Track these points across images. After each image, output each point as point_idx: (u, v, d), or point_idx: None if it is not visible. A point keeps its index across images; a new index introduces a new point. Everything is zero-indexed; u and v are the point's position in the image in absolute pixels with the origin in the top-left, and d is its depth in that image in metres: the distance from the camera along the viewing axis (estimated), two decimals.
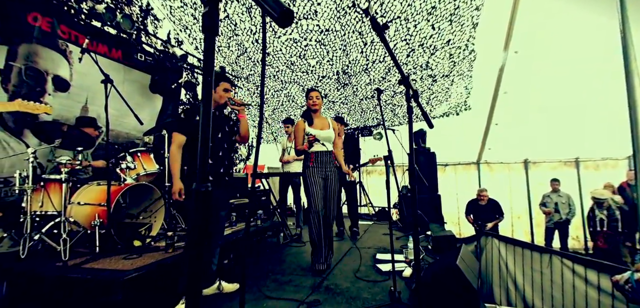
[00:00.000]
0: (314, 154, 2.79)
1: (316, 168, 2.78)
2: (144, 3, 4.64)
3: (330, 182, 2.83)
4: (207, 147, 0.60)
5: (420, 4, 4.27)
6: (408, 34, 4.64)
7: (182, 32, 5.13)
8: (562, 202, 5.62)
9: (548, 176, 6.03)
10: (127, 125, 4.43)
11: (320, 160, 2.80)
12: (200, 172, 0.59)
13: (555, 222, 5.62)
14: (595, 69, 4.74)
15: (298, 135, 2.82)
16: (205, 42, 0.58)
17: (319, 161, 2.80)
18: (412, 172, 1.43)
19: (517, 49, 5.07)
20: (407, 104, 1.37)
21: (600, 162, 6.20)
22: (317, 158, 2.80)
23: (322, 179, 2.79)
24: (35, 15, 3.65)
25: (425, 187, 5.04)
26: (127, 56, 4.44)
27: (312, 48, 4.95)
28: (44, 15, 3.68)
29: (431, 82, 5.42)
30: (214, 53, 0.59)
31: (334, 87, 5.84)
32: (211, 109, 0.65)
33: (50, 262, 2.40)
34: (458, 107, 5.87)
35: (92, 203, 2.84)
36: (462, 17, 4.48)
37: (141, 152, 3.37)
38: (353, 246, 3.71)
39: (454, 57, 5.01)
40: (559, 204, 5.61)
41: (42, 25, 3.70)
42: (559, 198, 5.67)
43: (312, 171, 2.78)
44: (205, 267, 2.26)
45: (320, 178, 2.77)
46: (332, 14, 4.41)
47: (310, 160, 2.79)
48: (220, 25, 4.81)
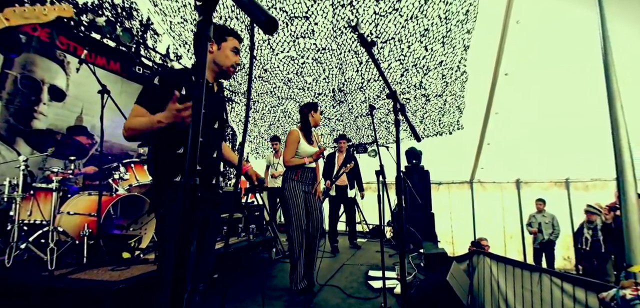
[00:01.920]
0: (300, 169, 2.72)
1: (300, 183, 2.71)
2: (145, 18, 4.73)
3: (311, 196, 2.79)
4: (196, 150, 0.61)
5: (414, 26, 4.43)
6: (402, 55, 4.78)
7: (181, 47, 5.22)
8: (545, 223, 5.72)
9: (539, 196, 6.11)
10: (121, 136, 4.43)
11: (305, 176, 2.75)
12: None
13: (539, 242, 5.70)
14: (582, 91, 4.90)
15: (291, 144, 2.71)
16: (200, 48, 0.62)
17: (303, 177, 2.74)
18: (399, 183, 1.46)
19: (508, 71, 5.23)
20: (395, 117, 1.41)
21: (589, 183, 6.31)
22: (303, 174, 2.74)
23: (304, 193, 2.73)
24: (35, 26, 3.69)
25: (419, 205, 5.05)
26: (125, 68, 4.49)
27: (309, 66, 5.06)
28: (43, 26, 3.72)
29: (424, 101, 5.54)
30: (206, 58, 0.62)
31: (330, 104, 5.94)
32: (201, 111, 0.63)
33: (36, 272, 2.35)
34: (451, 126, 5.98)
35: (82, 213, 2.81)
36: (453, 40, 4.64)
37: (135, 163, 3.36)
38: (345, 263, 3.68)
39: (447, 78, 5.15)
40: (542, 224, 5.70)
41: (41, 35, 3.74)
42: (543, 219, 5.76)
43: (294, 185, 2.69)
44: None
45: (301, 192, 2.71)
46: (328, 34, 4.54)
47: (296, 174, 2.72)
48: None
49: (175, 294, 0.59)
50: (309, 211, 2.75)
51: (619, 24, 3.14)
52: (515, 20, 4.87)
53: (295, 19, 4.34)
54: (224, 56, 1.47)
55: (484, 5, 4.49)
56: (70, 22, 3.91)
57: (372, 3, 4.21)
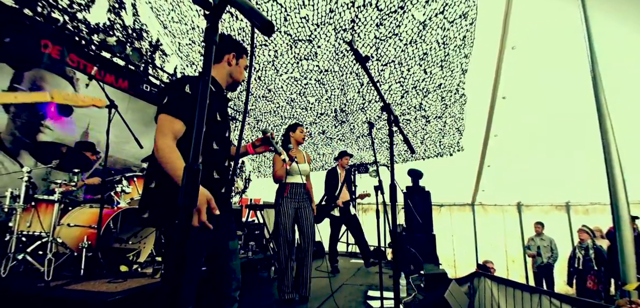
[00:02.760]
0: (289, 186, 2.83)
1: (289, 200, 2.82)
2: (154, 39, 4.92)
3: (302, 211, 2.86)
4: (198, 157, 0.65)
5: (413, 50, 4.58)
6: (402, 77, 4.91)
7: (188, 67, 5.39)
8: (544, 246, 5.70)
9: (540, 220, 6.06)
10: (125, 152, 4.48)
11: (295, 192, 2.86)
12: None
13: (538, 265, 5.65)
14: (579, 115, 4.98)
15: (278, 163, 2.84)
16: (207, 50, 0.68)
17: (293, 192, 2.85)
18: (393, 192, 1.48)
19: (505, 95, 5.34)
20: (389, 128, 1.46)
21: (589, 206, 6.27)
22: (292, 190, 2.84)
23: (294, 209, 2.83)
24: (46, 43, 3.82)
25: (421, 226, 5.01)
26: (133, 86, 4.62)
27: (311, 86, 5.20)
28: (55, 43, 3.85)
29: (425, 122, 5.63)
30: (211, 60, 0.68)
31: (331, 124, 6.03)
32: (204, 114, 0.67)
33: (31, 283, 2.32)
34: (451, 147, 6.03)
35: (82, 225, 2.81)
36: (452, 64, 4.79)
37: (137, 177, 3.39)
38: (345, 283, 3.61)
39: (446, 100, 5.26)
40: (541, 248, 5.67)
41: (52, 52, 3.86)
42: (542, 242, 5.74)
43: (285, 201, 2.80)
44: None
45: (291, 209, 2.81)
46: (331, 56, 4.69)
47: (285, 191, 2.82)
48: None
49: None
50: (300, 225, 2.85)
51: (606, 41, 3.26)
52: (511, 46, 5.04)
53: (299, 42, 4.50)
54: (238, 71, 1.58)
55: (480, 32, 4.66)
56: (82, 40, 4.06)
57: (373, 28, 4.38)
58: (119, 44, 4.16)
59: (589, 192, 6.19)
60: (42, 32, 3.74)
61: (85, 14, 4.02)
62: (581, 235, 5.41)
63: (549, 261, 5.63)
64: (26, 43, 3.63)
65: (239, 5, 0.70)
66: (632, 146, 3.53)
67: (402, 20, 4.27)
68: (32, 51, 3.69)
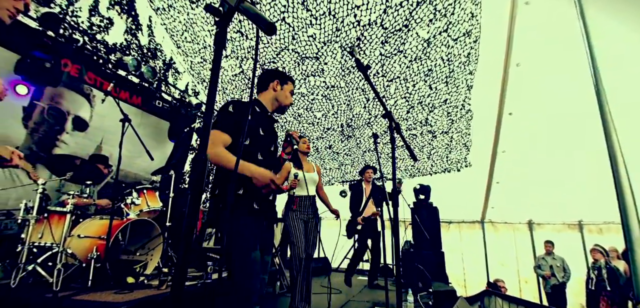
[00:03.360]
0: (297, 198, 2.84)
1: (299, 213, 2.83)
2: (168, 57, 5.12)
3: (310, 224, 2.86)
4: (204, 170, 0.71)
5: (418, 66, 4.65)
6: (407, 93, 4.97)
7: (199, 85, 5.56)
8: (556, 266, 5.50)
9: (552, 239, 5.88)
10: (136, 166, 4.58)
11: (303, 204, 2.86)
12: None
13: (551, 286, 5.43)
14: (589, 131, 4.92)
15: (283, 174, 2.90)
16: (216, 55, 0.77)
17: (301, 205, 2.85)
18: (394, 195, 1.49)
19: (511, 111, 5.33)
20: (390, 134, 1.49)
21: (603, 225, 6.07)
22: (301, 202, 2.85)
23: (303, 222, 2.82)
24: (66, 62, 4.01)
25: (429, 243, 4.92)
26: (146, 103, 4.78)
27: (318, 102, 5.28)
28: (74, 62, 4.05)
29: (431, 137, 5.63)
30: (220, 62, 0.75)
31: (338, 139, 6.08)
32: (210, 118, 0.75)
33: (40, 293, 2.35)
34: (459, 163, 5.98)
35: (91, 236, 2.85)
36: (457, 80, 4.83)
37: (147, 189, 3.46)
38: (351, 299, 3.54)
39: (452, 116, 5.27)
40: (554, 267, 5.47)
41: (72, 71, 4.05)
42: (554, 262, 5.55)
43: (294, 215, 2.81)
44: None
45: (301, 222, 2.80)
46: (337, 72, 4.79)
47: (294, 204, 2.83)
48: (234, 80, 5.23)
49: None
50: (308, 237, 2.85)
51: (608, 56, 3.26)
52: (516, 63, 5.08)
53: (306, 59, 4.62)
54: (284, 95, 1.80)
55: (484, 49, 4.72)
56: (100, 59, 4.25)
57: (378, 45, 4.48)
58: (134, 62, 4.34)
59: (602, 211, 6.00)
60: (63, 52, 3.94)
61: (104, 35, 4.23)
62: (594, 255, 5.24)
63: (564, 280, 5.43)
64: (51, 63, 3.80)
65: (246, 12, 0.79)
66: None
67: (407, 38, 4.36)
68: (52, 70, 3.86)
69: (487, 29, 4.58)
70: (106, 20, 4.23)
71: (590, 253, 5.31)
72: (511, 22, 4.77)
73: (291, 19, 4.19)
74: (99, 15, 4.18)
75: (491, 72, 5.06)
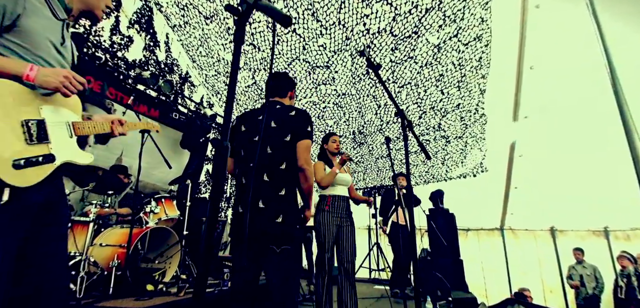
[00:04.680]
0: (330, 198, 2.56)
1: (331, 215, 2.53)
2: (184, 71, 5.30)
3: (344, 229, 2.57)
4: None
5: (428, 72, 4.65)
6: (419, 98, 4.95)
7: (214, 97, 5.71)
8: (587, 275, 5.21)
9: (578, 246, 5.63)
10: (154, 177, 4.71)
11: (337, 205, 2.57)
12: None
13: (583, 297, 5.14)
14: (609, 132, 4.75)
15: (319, 171, 2.60)
16: (234, 49, 0.82)
17: (335, 206, 2.56)
18: (409, 192, 1.47)
19: (527, 115, 5.23)
20: (403, 132, 1.49)
21: (630, 231, 5.78)
22: (333, 203, 2.56)
23: (336, 227, 2.53)
24: (89, 79, 4.21)
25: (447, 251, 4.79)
26: (163, 115, 4.94)
27: (330, 110, 5.33)
28: (97, 78, 4.24)
29: (445, 142, 5.56)
30: (239, 58, 0.80)
31: (350, 146, 6.08)
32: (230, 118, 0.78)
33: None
34: (474, 168, 5.87)
35: (113, 245, 2.93)
36: (469, 84, 4.79)
37: (165, 198, 3.54)
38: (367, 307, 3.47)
39: (466, 120, 5.21)
40: (584, 277, 5.19)
41: (94, 86, 4.25)
42: (584, 270, 5.26)
43: (326, 217, 2.51)
44: None
45: (334, 225, 2.51)
46: (348, 80, 4.84)
47: (326, 203, 2.55)
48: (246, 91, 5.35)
49: None
50: (341, 244, 2.54)
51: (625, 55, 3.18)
52: (529, 66, 5.01)
53: (317, 68, 4.70)
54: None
55: (496, 53, 4.67)
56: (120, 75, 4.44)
57: (388, 52, 4.51)
58: (152, 76, 4.51)
59: (629, 216, 5.74)
60: (86, 69, 4.15)
61: (125, 52, 4.43)
62: (622, 262, 4.99)
63: (595, 292, 5.12)
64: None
65: (263, 8, 0.84)
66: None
67: (417, 44, 4.38)
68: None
69: (498, 33, 4.55)
70: (126, 38, 4.43)
71: (617, 260, 5.05)
72: (522, 25, 4.74)
73: (301, 30, 4.29)
74: (120, 33, 4.39)
75: (504, 75, 5.00)
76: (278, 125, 1.59)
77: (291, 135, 1.57)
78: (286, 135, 1.57)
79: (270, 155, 1.54)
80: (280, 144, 1.56)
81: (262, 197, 1.48)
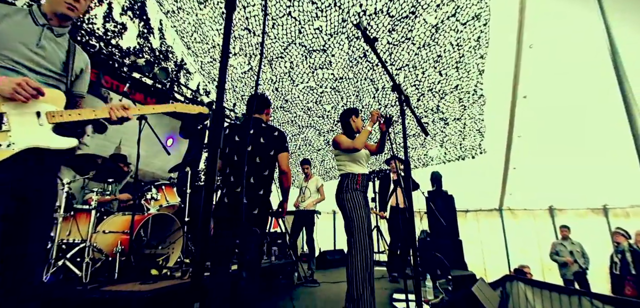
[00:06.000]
0: (360, 177, 2.27)
1: (362, 195, 2.23)
2: (179, 59, 5.25)
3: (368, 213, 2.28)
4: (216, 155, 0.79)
5: (426, 53, 4.60)
6: (417, 80, 4.92)
7: (210, 84, 5.67)
8: (576, 251, 5.34)
9: (576, 224, 5.70)
10: (154, 165, 4.73)
11: (365, 185, 2.31)
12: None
13: (574, 272, 5.25)
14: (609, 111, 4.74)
15: (345, 141, 2.35)
16: (225, 18, 0.83)
17: (364, 185, 2.29)
18: (407, 168, 1.49)
19: (526, 94, 5.19)
20: (400, 107, 1.49)
21: (629, 209, 5.83)
22: (363, 182, 2.29)
23: (367, 207, 2.24)
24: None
25: (446, 231, 4.86)
26: (160, 103, 4.91)
27: (327, 95, 5.31)
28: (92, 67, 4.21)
29: (443, 124, 5.55)
30: (231, 25, 0.78)
31: None
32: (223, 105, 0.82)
33: (71, 287, 2.47)
34: (473, 150, 5.88)
35: (116, 231, 2.97)
36: (467, 65, 4.74)
37: (165, 185, 3.57)
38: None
39: (464, 101, 5.18)
40: (575, 253, 5.32)
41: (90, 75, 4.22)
42: (573, 247, 5.38)
43: (357, 195, 2.19)
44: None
45: (365, 205, 2.22)
46: (345, 64, 4.80)
47: (357, 182, 2.24)
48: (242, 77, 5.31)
49: None
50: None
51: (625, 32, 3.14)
52: (529, 44, 4.94)
53: (313, 52, 4.65)
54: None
55: (495, 32, 4.61)
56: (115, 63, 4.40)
57: (386, 34, 4.46)
58: (147, 64, 4.47)
59: (628, 194, 5.78)
60: None
61: (118, 40, 4.38)
62: (617, 238, 5.08)
63: (585, 267, 5.27)
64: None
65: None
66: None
67: (414, 24, 4.32)
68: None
69: (496, 12, 4.48)
70: (120, 26, 4.37)
71: (613, 236, 5.14)
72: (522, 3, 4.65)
73: (297, 13, 4.23)
74: (113, 21, 4.32)
75: (503, 55, 4.94)
76: (265, 142, 2.12)
77: (274, 150, 2.12)
78: (271, 150, 2.11)
79: (258, 164, 2.07)
80: (267, 156, 2.10)
81: (247, 195, 2.02)
